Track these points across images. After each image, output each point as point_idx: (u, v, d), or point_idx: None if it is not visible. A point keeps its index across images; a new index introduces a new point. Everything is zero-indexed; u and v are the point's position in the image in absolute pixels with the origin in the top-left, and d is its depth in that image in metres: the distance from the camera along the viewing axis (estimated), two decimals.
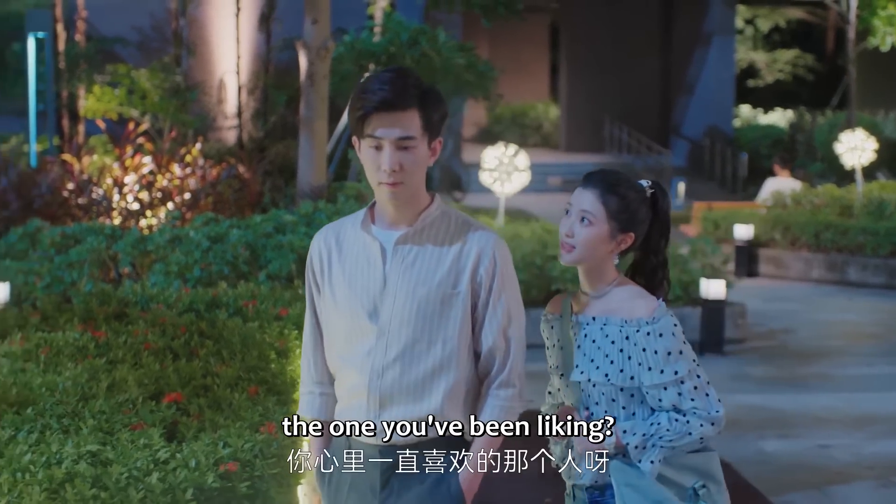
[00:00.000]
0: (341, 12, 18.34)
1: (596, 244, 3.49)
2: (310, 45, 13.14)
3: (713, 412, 3.43)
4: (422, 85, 3.34)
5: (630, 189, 3.54)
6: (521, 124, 33.30)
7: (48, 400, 4.97)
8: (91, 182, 13.00)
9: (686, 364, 3.42)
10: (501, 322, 3.36)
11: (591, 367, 3.48)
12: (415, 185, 3.32)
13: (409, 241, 3.36)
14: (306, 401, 3.58)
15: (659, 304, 3.49)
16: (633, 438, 3.41)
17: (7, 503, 3.84)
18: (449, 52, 17.92)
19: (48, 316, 7.03)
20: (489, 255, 3.35)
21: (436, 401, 3.32)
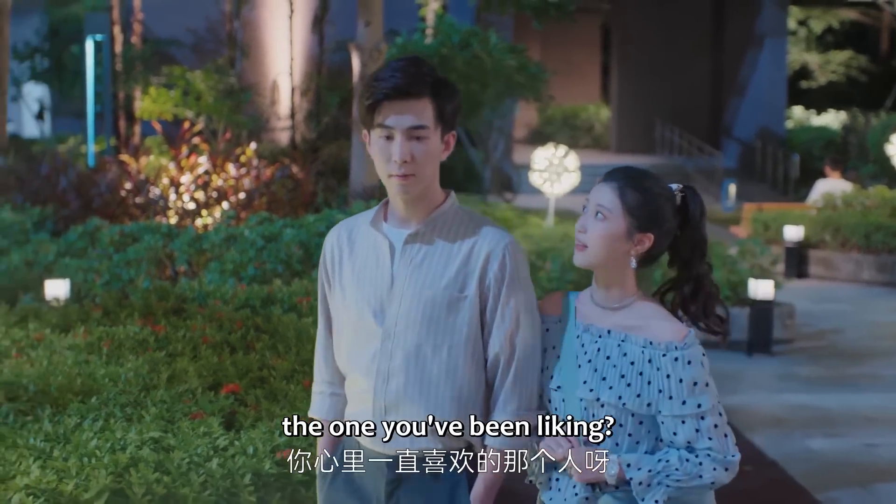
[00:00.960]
0: (393, 14, 18.51)
1: (610, 242, 3.14)
2: (363, 46, 13.34)
3: (729, 457, 3.10)
4: (435, 74, 3.17)
5: (654, 186, 3.19)
6: (572, 126, 33.34)
7: (111, 390, 5.18)
8: (148, 182, 13.26)
9: (710, 399, 3.10)
10: (509, 328, 3.16)
11: (602, 386, 3.14)
12: (427, 179, 3.17)
13: (418, 239, 3.20)
14: (317, 400, 3.47)
15: (689, 330, 3.13)
16: (637, 473, 3.08)
17: (75, 485, 4.03)
18: (500, 53, 18.05)
19: (109, 311, 7.25)
20: (499, 257, 3.15)
21: (442, 409, 3.15)
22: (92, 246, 11.04)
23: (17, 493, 3.91)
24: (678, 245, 3.23)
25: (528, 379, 3.19)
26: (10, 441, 4.51)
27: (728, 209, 22.09)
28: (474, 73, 17.81)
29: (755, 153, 28.22)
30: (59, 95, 25.85)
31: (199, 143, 14.18)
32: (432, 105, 3.13)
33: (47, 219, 11.94)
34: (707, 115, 30.82)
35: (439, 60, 17.80)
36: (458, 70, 17.69)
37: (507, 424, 3.14)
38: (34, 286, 9.50)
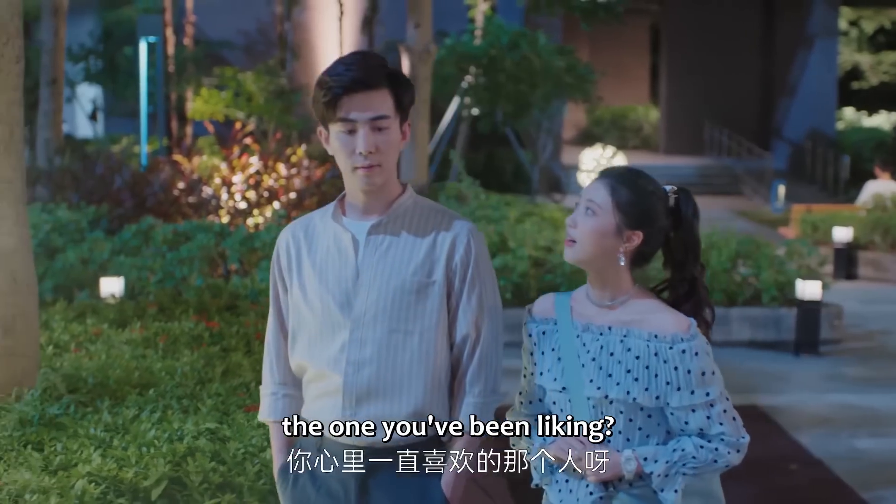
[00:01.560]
0: (442, 15, 18.62)
1: (599, 238, 3.13)
2: (412, 48, 13.45)
3: (741, 439, 3.13)
4: (388, 65, 3.19)
5: (646, 185, 3.18)
6: (621, 127, 33.33)
7: (168, 383, 5.32)
8: (201, 181, 13.45)
9: (718, 386, 3.12)
10: (475, 312, 3.21)
11: (609, 383, 3.13)
12: (389, 169, 3.19)
13: (382, 230, 3.21)
14: (268, 402, 3.41)
15: (691, 321, 3.13)
16: (655, 466, 3.09)
17: (135, 473, 4.17)
18: (549, 55, 18.13)
19: (164, 307, 7.41)
20: (464, 242, 3.20)
21: (416, 396, 3.18)
22: (146, 244, 11.22)
23: (80, 479, 4.05)
24: (672, 246, 3.23)
25: (493, 360, 3.24)
26: (71, 431, 4.67)
27: (777, 210, 22.04)
28: (523, 74, 17.90)
29: (805, 154, 28.11)
30: (112, 96, 26.16)
31: (250, 144, 14.35)
32: (391, 94, 3.14)
33: (102, 217, 12.13)
34: (757, 116, 30.73)
35: (488, 61, 17.92)
36: (507, 71, 17.79)
37: (474, 406, 3.20)
38: (89, 284, 9.68)
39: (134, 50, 21.99)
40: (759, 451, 7.78)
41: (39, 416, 4.81)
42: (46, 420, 4.78)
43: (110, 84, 24.86)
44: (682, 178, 26.28)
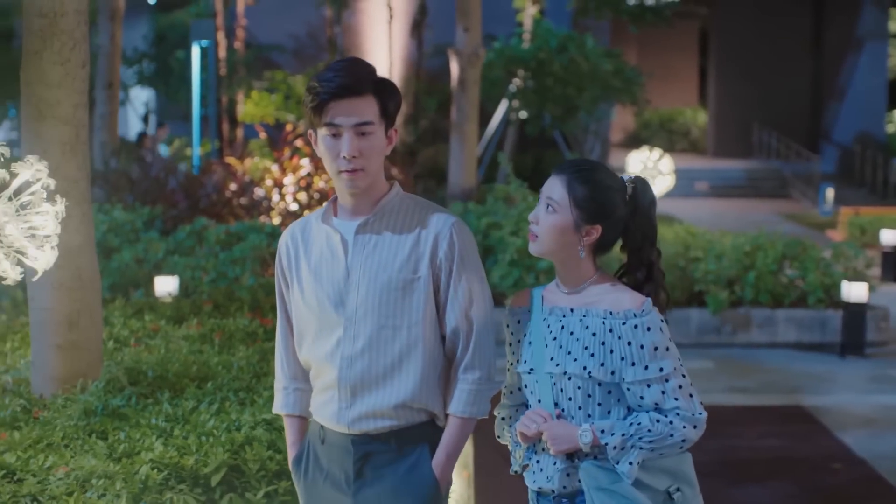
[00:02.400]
0: (491, 19, 18.75)
1: (559, 234, 3.26)
2: (461, 52, 13.59)
3: (697, 414, 3.21)
4: (375, 72, 3.28)
5: (603, 179, 3.29)
6: (669, 129, 33.30)
7: (225, 376, 5.51)
8: (252, 183, 13.66)
9: (672, 361, 3.20)
10: (462, 303, 3.30)
11: (567, 360, 3.24)
12: (373, 173, 3.27)
13: (368, 229, 3.31)
14: (281, 397, 3.55)
15: (646, 299, 3.23)
16: (611, 438, 3.17)
17: (195, 460, 4.35)
18: (597, 58, 18.20)
19: (218, 305, 7.61)
20: (447, 237, 3.28)
21: (406, 387, 3.29)
22: (199, 244, 11.42)
23: (144, 466, 4.24)
24: (630, 233, 3.32)
25: (486, 349, 3.34)
26: (133, 421, 4.86)
27: (825, 213, 22.00)
28: (570, 77, 17.99)
29: (854, 157, 28.01)
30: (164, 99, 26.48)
31: (301, 146, 14.54)
32: (376, 101, 3.24)
33: (157, 218, 12.35)
34: (805, 119, 30.62)
35: (536, 65, 18.02)
36: (555, 74, 17.88)
37: (468, 392, 3.32)
38: (144, 283, 9.89)
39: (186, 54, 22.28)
40: (803, 450, 7.92)
41: (103, 406, 5.00)
42: (110, 410, 4.98)
43: (163, 87, 25.17)
44: (730, 181, 26.29)
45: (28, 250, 3.83)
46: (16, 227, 3.79)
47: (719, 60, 31.44)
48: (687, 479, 3.28)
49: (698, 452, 7.72)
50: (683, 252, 11.44)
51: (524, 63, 18.18)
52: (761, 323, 11.20)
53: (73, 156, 5.21)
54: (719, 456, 7.71)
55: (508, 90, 18.61)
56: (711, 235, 12.28)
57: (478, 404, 3.33)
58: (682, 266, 11.29)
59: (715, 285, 11.16)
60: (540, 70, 18.08)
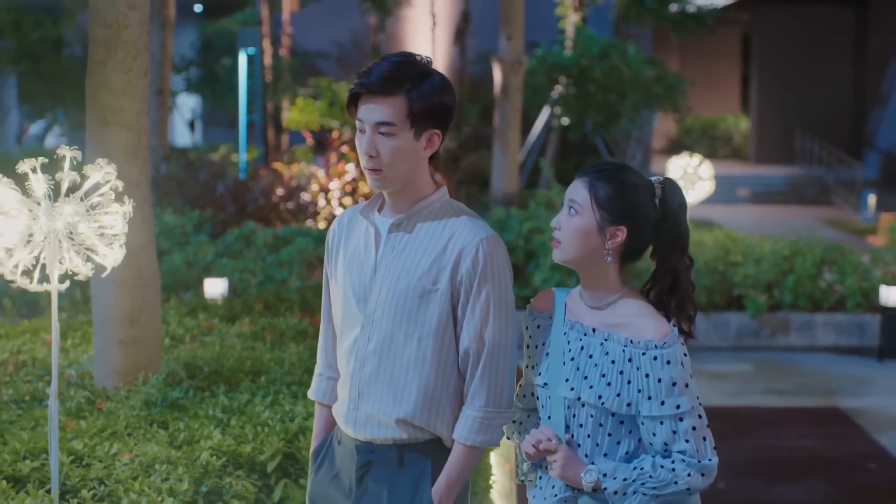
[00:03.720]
0: (533, 27, 18.93)
1: (582, 237, 3.11)
2: (504, 59, 13.79)
3: (705, 461, 3.03)
4: (419, 73, 3.14)
5: (628, 178, 3.14)
6: (711, 136, 33.33)
7: (277, 371, 5.75)
8: (299, 188, 13.93)
9: (689, 400, 3.03)
10: (478, 323, 3.13)
11: (583, 385, 3.10)
12: (397, 176, 3.16)
13: (401, 228, 3.20)
14: (315, 382, 3.52)
15: (672, 329, 3.07)
16: (612, 483, 3.06)
17: (252, 448, 4.59)
18: (638, 65, 18.34)
19: (269, 305, 7.87)
20: (472, 252, 3.12)
21: (409, 402, 3.16)
22: (247, 248, 11.69)
23: (204, 452, 4.48)
24: (659, 238, 3.16)
25: (497, 375, 3.16)
26: (192, 412, 5.11)
27: (867, 220, 22.01)
28: (612, 83, 18.13)
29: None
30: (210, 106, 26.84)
31: (346, 152, 14.81)
32: (406, 103, 3.11)
33: (206, 222, 12.63)
34: (848, 125, 30.59)
35: (578, 72, 18.19)
36: (597, 81, 18.04)
37: (473, 419, 3.14)
38: (194, 285, 10.15)
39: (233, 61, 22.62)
40: (839, 450, 8.07)
41: (163, 398, 5.26)
42: (169, 402, 5.24)
43: (209, 94, 25.52)
44: (772, 188, 26.33)
45: (98, 248, 4.08)
46: (87, 226, 4.04)
47: (761, 67, 31.47)
48: None
49: (736, 452, 7.91)
50: (723, 256, 11.59)
51: (566, 70, 18.35)
52: (800, 327, 11.34)
53: (135, 160, 5.47)
54: (756, 455, 7.86)
55: (550, 97, 18.80)
56: (751, 240, 12.41)
57: (484, 433, 3.15)
58: (722, 270, 11.43)
59: (754, 289, 11.30)
60: (582, 77, 18.24)
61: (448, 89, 3.17)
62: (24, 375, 5.87)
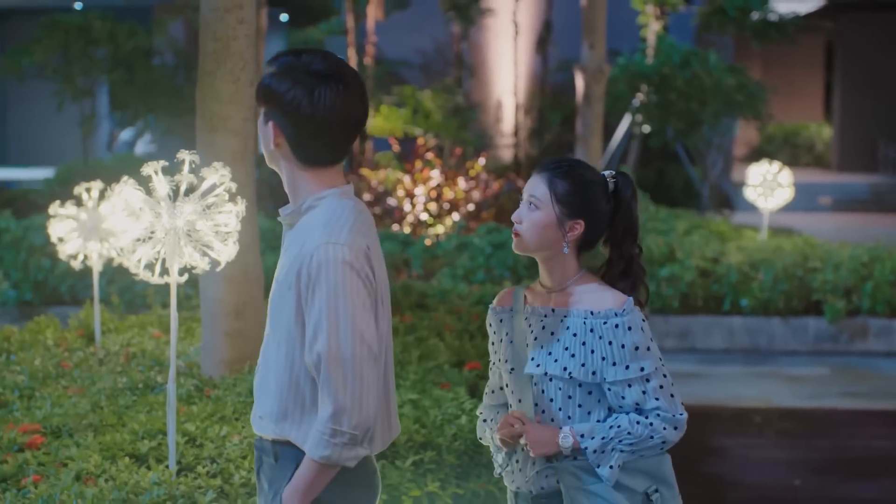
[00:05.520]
0: (615, 35, 19.14)
1: (542, 230, 3.25)
2: (586, 68, 14.06)
3: (677, 415, 3.21)
4: (271, 74, 3.04)
5: (583, 174, 3.30)
6: (793, 144, 33.26)
7: None
8: (386, 193, 14.32)
9: (653, 361, 3.20)
10: (310, 335, 2.94)
11: (548, 360, 3.23)
12: (265, 151, 3.11)
13: (287, 226, 3.14)
14: None
15: (628, 298, 3.25)
16: (591, 442, 3.18)
17: None
18: (720, 73, 18.49)
19: None
20: (308, 259, 2.94)
21: (273, 400, 3.06)
22: None
23: None
24: (611, 227, 3.33)
25: (334, 391, 2.91)
26: None
27: None
28: (693, 91, 18.31)
29: None
30: None
31: (431, 158, 15.16)
32: (259, 87, 3.09)
33: None
34: None
35: (659, 80, 18.39)
36: (678, 89, 18.23)
37: (315, 432, 2.96)
38: None
39: None
40: None
41: None
42: None
43: None
44: (854, 196, 26.26)
45: (214, 244, 4.44)
46: (204, 224, 4.41)
47: (844, 75, 31.37)
48: (665, 480, 3.28)
49: (811, 451, 8.13)
50: (801, 262, 11.75)
51: (647, 78, 18.56)
52: (878, 332, 11.46)
53: (241, 164, 5.85)
54: (832, 455, 8.06)
55: (632, 104, 19.02)
56: (830, 246, 12.55)
57: (325, 449, 2.91)
58: (801, 276, 11.59)
59: (832, 295, 11.44)
60: (663, 85, 18.44)
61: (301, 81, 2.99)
62: (135, 365, 6.27)
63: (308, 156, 3.05)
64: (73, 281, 11.51)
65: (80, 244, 6.60)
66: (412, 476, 4.79)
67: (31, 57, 20.19)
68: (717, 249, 12.14)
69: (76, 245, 6.61)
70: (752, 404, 9.24)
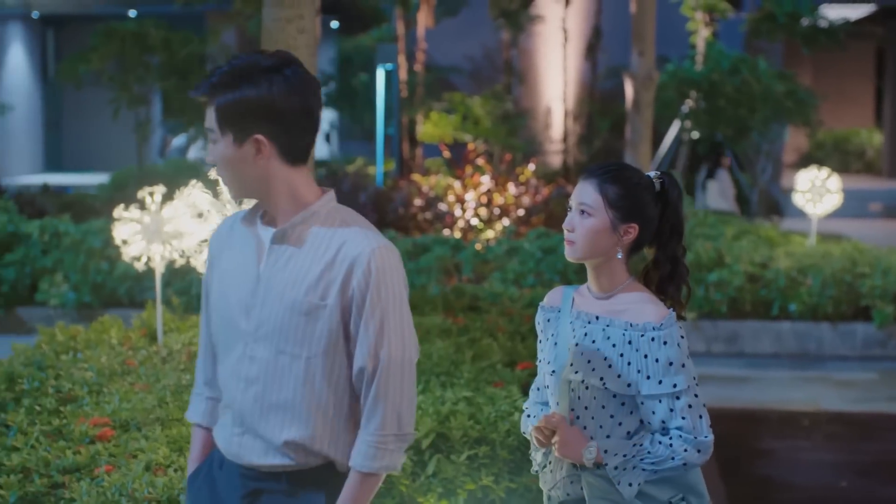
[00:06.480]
0: (664, 41, 19.25)
1: (597, 236, 3.26)
2: (636, 75, 14.17)
3: (701, 437, 3.19)
4: (223, 76, 2.88)
5: (631, 177, 3.32)
6: (844, 150, 33.12)
7: (427, 363, 6.27)
8: (437, 199, 14.51)
9: (686, 379, 3.20)
10: (373, 340, 2.88)
11: (586, 369, 3.25)
12: (231, 183, 2.96)
13: (285, 239, 2.94)
14: (194, 402, 3.25)
15: (669, 313, 3.25)
16: (613, 459, 3.20)
17: None
18: (769, 79, 18.53)
19: (413, 305, 8.40)
20: (363, 264, 2.87)
21: (300, 425, 2.92)
22: None
23: None
24: (659, 227, 3.35)
25: (394, 396, 2.91)
26: None
27: None
28: (743, 98, 18.36)
29: None
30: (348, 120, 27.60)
31: (482, 164, 15.33)
32: (214, 109, 2.89)
33: None
34: None
35: (709, 86, 18.46)
36: (727, 95, 18.29)
37: (368, 444, 2.91)
38: None
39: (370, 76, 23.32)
40: None
41: None
42: None
43: (347, 108, 26.26)
44: None
45: None
46: None
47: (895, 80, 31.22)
48: (693, 490, 3.29)
49: (857, 454, 8.22)
50: (850, 267, 11.79)
51: (697, 84, 18.63)
52: None
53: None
54: (878, 457, 8.13)
55: (681, 111, 19.09)
56: (879, 252, 12.58)
57: (381, 459, 2.90)
58: (849, 281, 11.63)
59: (881, 300, 11.48)
60: (712, 91, 18.50)
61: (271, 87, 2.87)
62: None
63: (296, 151, 2.94)
64: (130, 283, 11.76)
65: (144, 246, 6.82)
66: (467, 470, 4.96)
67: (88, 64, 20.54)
68: (765, 254, 12.21)
69: (139, 247, 6.83)
70: (800, 408, 9.32)
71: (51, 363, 6.30)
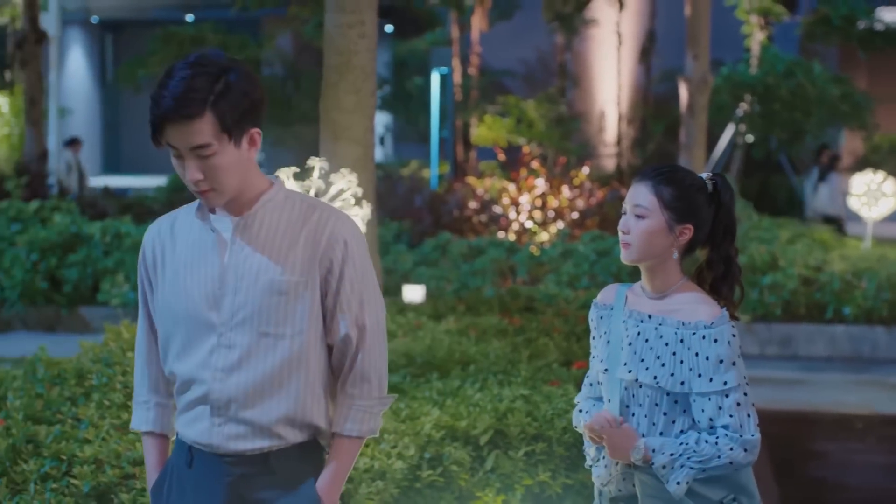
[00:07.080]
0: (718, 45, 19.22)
1: (652, 238, 3.28)
2: (690, 78, 14.22)
3: (748, 435, 3.19)
4: (217, 80, 2.86)
5: (685, 179, 3.33)
6: None
7: (484, 361, 6.40)
8: (491, 201, 14.62)
9: (736, 377, 3.20)
10: (354, 310, 2.99)
11: (640, 367, 3.27)
12: (226, 188, 2.93)
13: (248, 227, 2.98)
14: (140, 412, 3.20)
15: (722, 312, 3.25)
16: (660, 458, 3.20)
17: (466, 424, 5.22)
18: (824, 83, 18.50)
19: (470, 306, 8.53)
20: (339, 239, 2.97)
21: (289, 401, 2.97)
22: (443, 257, 12.39)
23: (426, 425, 5.14)
24: (712, 228, 3.35)
25: (377, 363, 3.05)
26: (410, 394, 5.80)
27: None
28: (798, 101, 18.33)
29: None
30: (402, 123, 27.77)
31: (536, 167, 15.41)
32: (214, 119, 2.85)
33: (404, 232, 13.39)
34: None
35: (763, 90, 18.45)
36: (782, 99, 18.27)
37: (357, 409, 3.03)
38: (393, 291, 10.87)
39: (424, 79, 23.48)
40: None
41: None
42: (390, 386, 5.91)
43: (402, 111, 26.43)
44: None
45: None
46: None
47: None
48: (745, 490, 3.29)
49: None
50: None
51: (751, 88, 18.62)
52: None
53: (362, 171, 6.18)
54: None
55: (735, 114, 19.09)
56: None
57: (369, 422, 3.05)
58: None
59: None
60: (767, 95, 18.49)
61: (248, 80, 2.91)
62: None
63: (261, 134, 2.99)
64: None
65: None
66: (524, 466, 5.07)
67: (146, 68, 20.85)
68: (820, 258, 12.22)
69: None
70: (854, 411, 9.34)
71: (118, 360, 6.46)
